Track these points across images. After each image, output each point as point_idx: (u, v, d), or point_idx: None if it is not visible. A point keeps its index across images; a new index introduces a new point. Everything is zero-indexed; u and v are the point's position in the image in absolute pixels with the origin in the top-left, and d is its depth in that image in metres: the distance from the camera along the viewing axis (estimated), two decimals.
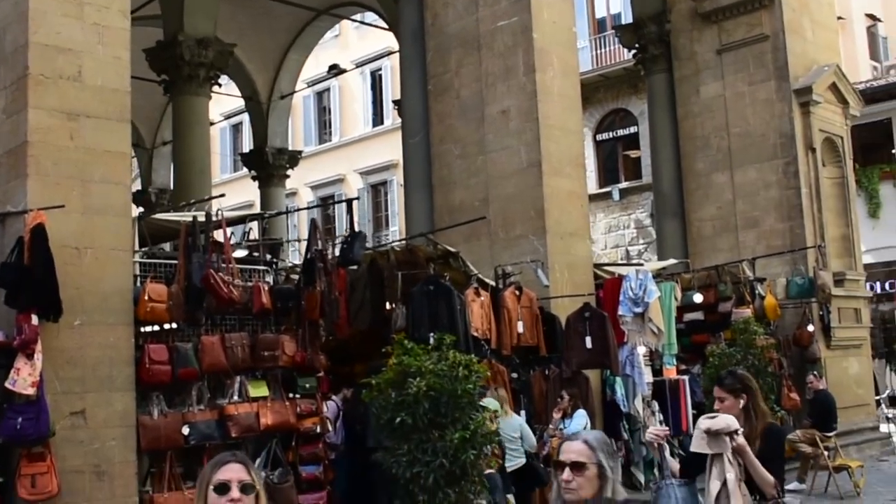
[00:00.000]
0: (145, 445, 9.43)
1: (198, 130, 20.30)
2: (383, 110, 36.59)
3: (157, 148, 28.42)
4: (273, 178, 25.73)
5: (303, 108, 39.15)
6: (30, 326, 8.43)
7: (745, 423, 5.60)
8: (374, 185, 37.02)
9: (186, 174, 19.47)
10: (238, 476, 3.61)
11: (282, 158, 25.64)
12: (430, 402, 7.26)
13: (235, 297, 9.57)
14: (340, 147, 38.29)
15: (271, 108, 25.45)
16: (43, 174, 9.00)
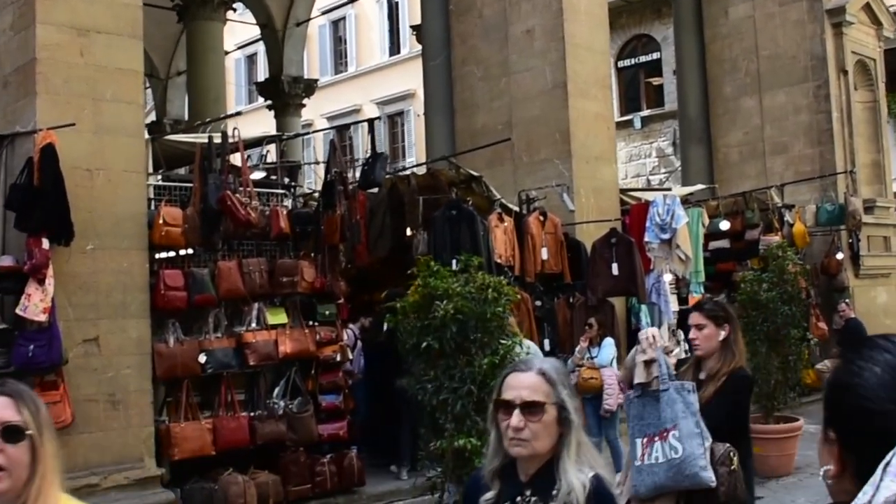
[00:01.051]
0: (161, 374, 9.21)
1: (212, 57, 19.95)
2: (400, 38, 35.98)
3: (172, 78, 27.95)
4: (289, 107, 25.34)
5: (318, 38, 38.54)
6: (40, 250, 8.15)
7: (720, 358, 5.13)
8: (391, 116, 36.54)
9: (201, 102, 19.11)
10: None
11: (297, 87, 25.22)
12: (457, 325, 6.92)
13: (253, 219, 9.25)
14: (357, 77, 37.76)
15: (287, 36, 24.96)
16: (52, 92, 8.65)
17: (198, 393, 9.63)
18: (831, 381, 1.69)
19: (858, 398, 1.60)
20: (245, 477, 9.47)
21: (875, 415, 1.57)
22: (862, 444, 1.58)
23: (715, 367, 5.11)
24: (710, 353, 5.15)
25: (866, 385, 1.60)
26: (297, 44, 25.46)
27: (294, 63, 25.35)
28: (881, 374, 1.60)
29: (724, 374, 5.09)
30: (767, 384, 11.26)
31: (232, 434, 9.50)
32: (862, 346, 1.69)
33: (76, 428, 8.51)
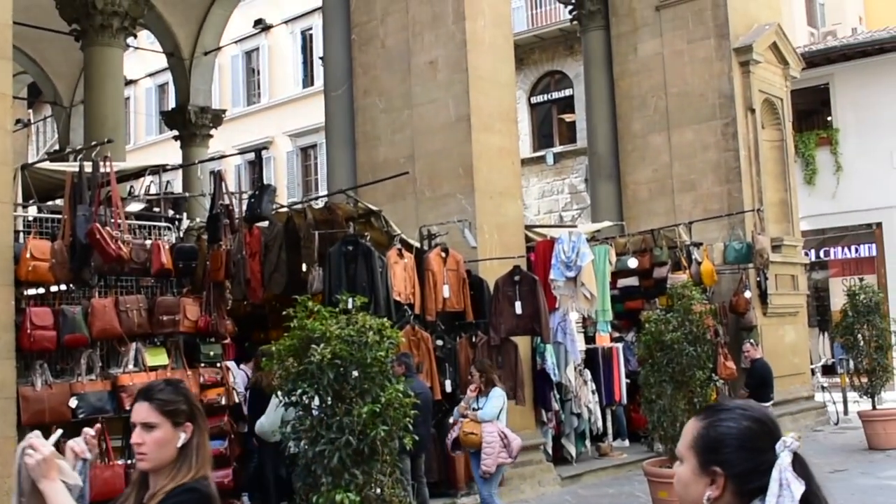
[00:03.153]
0: (27, 419, 8.58)
1: (110, 84, 19.20)
2: (313, 71, 35.54)
3: (76, 106, 27.08)
4: (196, 137, 24.67)
5: (231, 69, 37.96)
6: None
7: (171, 472, 3.21)
8: (304, 148, 36.03)
9: (99, 131, 18.30)
10: None
11: (205, 117, 24.59)
12: (334, 371, 6.47)
13: (124, 253, 8.70)
14: (269, 108, 37.19)
15: (194, 65, 24.36)
16: None
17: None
18: (717, 434, 2.39)
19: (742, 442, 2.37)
20: None
21: (756, 452, 2.34)
22: (744, 474, 2.33)
23: (162, 484, 3.20)
24: (163, 465, 3.22)
25: (745, 435, 2.37)
26: (206, 73, 24.87)
27: (202, 93, 24.74)
28: (751, 426, 2.39)
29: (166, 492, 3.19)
30: (673, 427, 10.96)
31: (106, 484, 8.85)
32: (722, 409, 2.46)
33: None
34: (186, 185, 22.02)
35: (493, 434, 9.69)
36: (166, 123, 26.36)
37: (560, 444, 14.48)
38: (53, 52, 24.55)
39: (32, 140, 38.44)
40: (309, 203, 13.27)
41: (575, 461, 14.52)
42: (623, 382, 15.57)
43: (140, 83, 38.96)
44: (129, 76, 29.65)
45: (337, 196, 12.81)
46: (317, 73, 35.04)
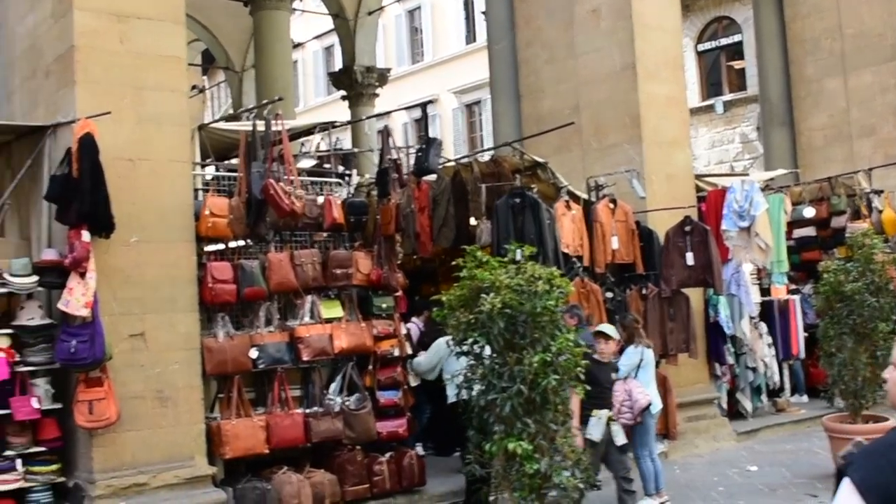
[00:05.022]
0: (211, 369, 8.92)
1: (279, 47, 19.79)
2: (476, 26, 35.51)
3: (247, 70, 27.87)
4: (362, 97, 25.14)
5: (395, 28, 38.35)
6: (81, 243, 7.92)
7: None
8: (468, 105, 36.11)
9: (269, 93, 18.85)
10: None
11: (370, 77, 24.99)
12: (505, 320, 6.49)
13: (297, 208, 8.90)
14: (433, 66, 37.40)
15: (358, 25, 24.73)
16: (92, 81, 8.39)
17: (250, 389, 9.35)
18: None
19: None
20: (300, 476, 9.19)
21: None
22: None
23: None
24: None
25: None
26: (370, 33, 25.20)
27: (367, 53, 25.11)
28: None
29: None
30: (854, 381, 10.59)
31: (286, 432, 9.20)
32: None
33: (123, 425, 8.27)
34: (355, 143, 22.44)
35: (617, 393, 9.36)
36: (334, 84, 26.86)
37: (735, 398, 14.19)
38: (224, 18, 25.28)
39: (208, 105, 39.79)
40: (475, 157, 13.30)
41: (751, 416, 14.21)
42: (801, 336, 15.10)
43: (307, 46, 39.73)
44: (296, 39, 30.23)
45: (503, 149, 12.79)
46: (479, 29, 34.98)
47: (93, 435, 8.21)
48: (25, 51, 9.44)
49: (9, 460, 8.20)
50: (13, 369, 8.16)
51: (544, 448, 6.64)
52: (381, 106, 26.93)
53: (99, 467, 8.23)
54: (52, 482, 8.33)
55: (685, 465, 11.88)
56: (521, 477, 6.62)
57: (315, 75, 41.44)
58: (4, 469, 8.17)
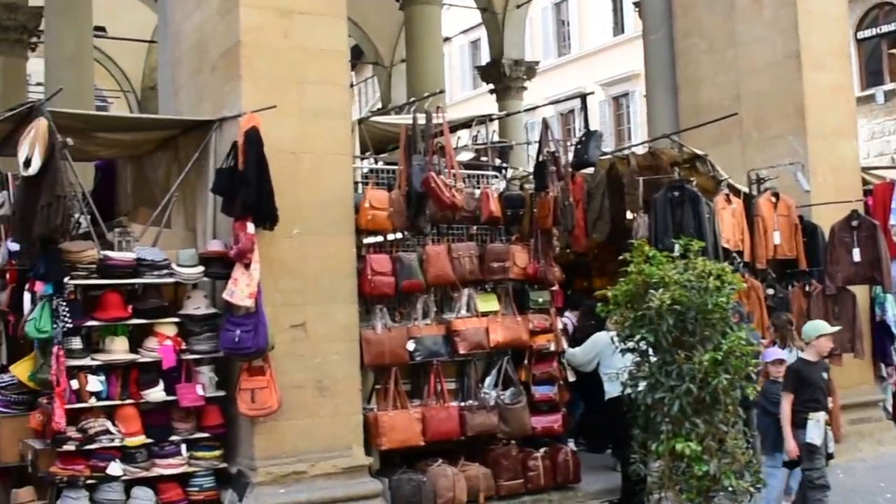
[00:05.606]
0: (369, 361, 8.99)
1: (430, 41, 19.87)
2: (623, 18, 35.03)
3: (396, 66, 28.12)
4: (510, 91, 24.99)
5: (541, 21, 38.14)
6: (245, 235, 8.07)
7: None
8: (616, 97, 35.67)
9: (419, 86, 18.98)
10: None
11: (518, 70, 24.83)
12: (674, 317, 6.31)
13: (458, 201, 8.88)
14: (579, 59, 37.06)
15: (507, 18, 24.60)
16: (257, 76, 8.54)
17: (406, 381, 9.38)
18: None
19: None
20: (454, 469, 9.19)
21: None
22: None
23: None
24: None
25: None
26: (518, 26, 25.06)
27: (515, 46, 24.97)
28: None
29: None
30: None
31: (441, 424, 9.21)
32: None
33: (283, 414, 8.40)
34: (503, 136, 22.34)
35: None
36: (482, 78, 26.82)
37: None
38: (374, 14, 25.51)
39: (356, 100, 40.35)
40: (632, 149, 13.06)
41: None
42: None
43: (454, 40, 39.86)
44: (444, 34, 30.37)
45: (660, 141, 12.52)
46: (627, 21, 34.52)
47: (254, 423, 8.36)
48: (191, 47, 9.66)
49: (174, 445, 8.41)
50: (180, 357, 8.38)
51: (713, 449, 6.44)
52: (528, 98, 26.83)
53: (260, 454, 8.37)
54: (214, 467, 8.51)
55: (849, 469, 11.40)
56: (689, 478, 6.45)
57: (461, 69, 41.58)
58: (170, 453, 8.39)
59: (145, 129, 9.81)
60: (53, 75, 14.74)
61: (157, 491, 8.27)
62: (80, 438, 7.95)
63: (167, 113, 10.32)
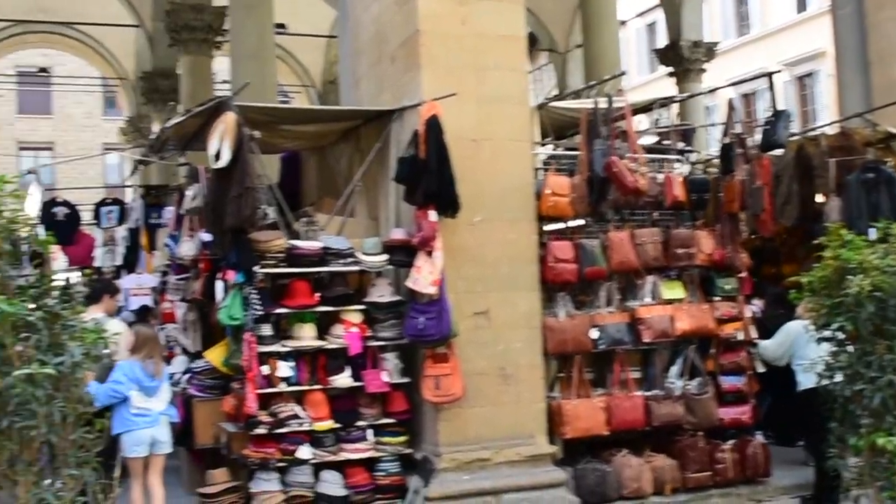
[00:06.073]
0: (551, 348, 8.91)
1: (606, 24, 19.66)
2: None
3: (571, 51, 27.87)
4: (689, 73, 24.42)
5: (720, 1, 37.12)
6: (428, 223, 8.12)
7: None
8: (800, 77, 34.39)
9: (597, 73, 18.75)
10: None
11: (697, 52, 24.22)
12: (875, 304, 5.98)
13: (641, 186, 8.71)
14: (761, 38, 35.89)
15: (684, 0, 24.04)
16: (435, 64, 8.57)
17: (589, 369, 9.25)
18: None
19: None
20: (640, 460, 9.05)
21: None
22: None
23: None
24: None
25: None
26: (696, 7, 24.44)
27: (693, 27, 24.36)
28: None
29: None
30: None
31: (626, 414, 9.06)
32: None
33: (467, 401, 8.43)
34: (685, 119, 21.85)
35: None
36: (659, 61, 26.30)
37: None
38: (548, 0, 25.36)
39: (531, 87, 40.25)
40: (822, 130, 12.52)
41: None
42: None
43: (629, 24, 39.27)
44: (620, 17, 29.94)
45: (852, 121, 11.95)
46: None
47: (438, 409, 8.42)
48: (371, 38, 9.78)
49: (361, 430, 8.57)
50: (365, 344, 8.52)
51: None
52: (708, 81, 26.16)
53: (444, 441, 8.43)
54: (399, 453, 8.62)
55: None
56: (891, 475, 6.10)
57: (638, 53, 40.97)
58: (357, 438, 8.55)
59: (327, 121, 10.02)
60: (238, 72, 15.24)
61: (345, 475, 8.45)
62: (271, 422, 8.19)
63: (348, 104, 10.50)
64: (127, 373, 8.29)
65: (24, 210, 6.63)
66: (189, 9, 18.85)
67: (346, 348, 8.43)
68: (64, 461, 6.12)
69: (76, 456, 6.17)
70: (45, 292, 6.30)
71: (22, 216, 6.45)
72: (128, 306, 12.35)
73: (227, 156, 8.12)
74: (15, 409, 5.76)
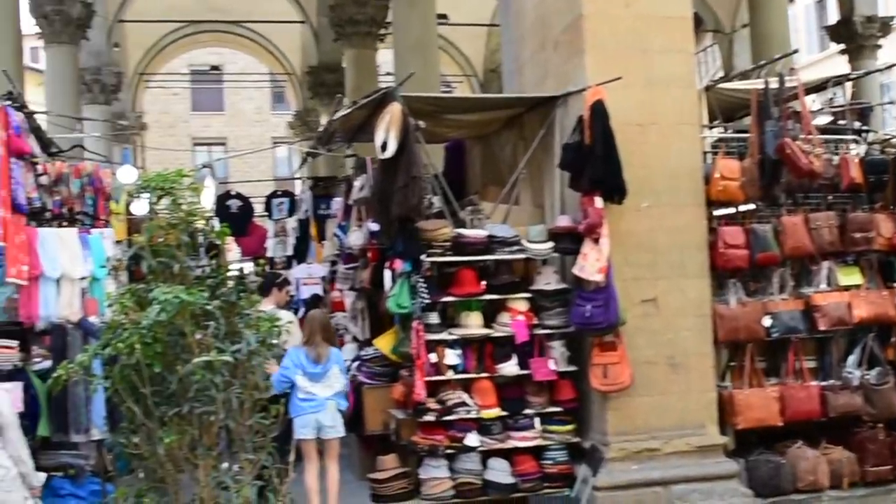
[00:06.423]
0: (722, 336, 8.70)
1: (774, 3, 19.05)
2: None
3: (737, 31, 27.18)
4: (863, 50, 23.44)
5: None
6: (594, 210, 8.06)
7: None
8: None
9: (765, 50, 18.23)
10: None
11: (871, 27, 23.22)
12: None
13: (816, 167, 8.37)
14: None
15: None
16: (600, 48, 8.47)
17: (762, 358, 8.98)
18: None
19: None
20: (816, 452, 8.75)
21: None
22: None
23: None
24: None
25: None
26: None
27: (866, 2, 23.38)
28: None
29: None
30: None
31: (801, 404, 8.77)
32: None
33: (636, 390, 8.33)
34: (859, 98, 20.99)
35: None
36: (830, 38, 25.33)
37: None
38: None
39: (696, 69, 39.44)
40: None
41: None
42: None
43: (797, 1, 38.00)
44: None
45: None
46: None
47: (606, 398, 8.35)
48: (533, 24, 9.73)
49: (528, 418, 8.58)
50: (532, 332, 8.50)
51: None
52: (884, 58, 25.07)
53: (613, 430, 8.35)
54: (567, 442, 8.58)
55: None
56: None
57: (807, 31, 39.58)
58: (524, 426, 8.56)
59: (491, 109, 10.02)
60: (402, 63, 15.43)
61: (513, 462, 8.47)
62: (439, 410, 8.28)
63: (511, 91, 10.49)
64: (293, 359, 8.55)
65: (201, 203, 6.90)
66: (353, 3, 19.22)
67: (513, 336, 8.44)
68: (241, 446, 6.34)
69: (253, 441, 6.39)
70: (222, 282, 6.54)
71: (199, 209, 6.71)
72: (299, 295, 12.67)
73: (393, 146, 8.23)
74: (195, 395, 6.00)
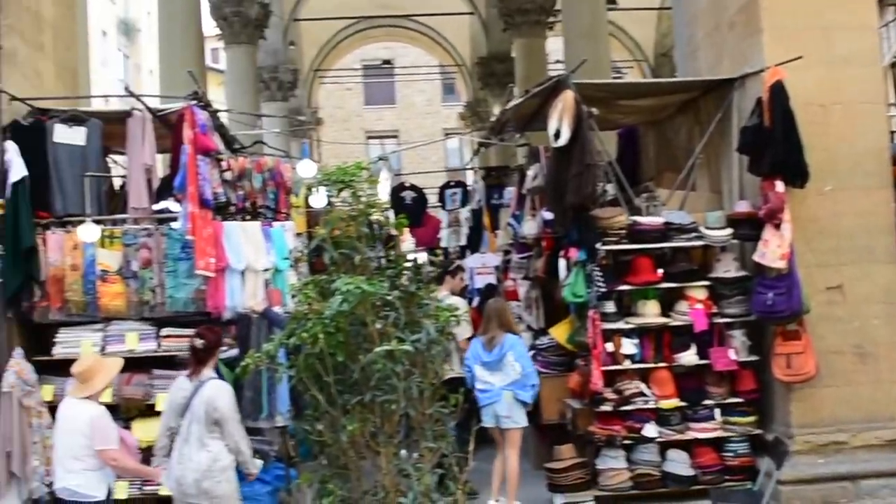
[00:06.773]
0: None
1: None
2: None
3: None
4: None
5: None
6: (775, 194, 7.83)
7: None
8: None
9: None
10: None
11: None
12: None
13: None
14: None
15: None
16: (778, 27, 8.23)
17: None
18: None
19: None
20: None
21: None
22: None
23: None
24: None
25: None
26: None
27: None
28: None
29: None
30: None
31: None
32: None
33: (821, 381, 8.06)
34: None
35: None
36: None
37: None
38: None
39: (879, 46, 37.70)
40: None
41: None
42: None
43: None
44: None
45: None
46: None
47: (790, 389, 8.11)
48: (707, 5, 9.51)
49: (707, 409, 8.43)
50: (711, 320, 8.33)
51: None
52: None
53: (797, 422, 8.11)
54: (748, 433, 8.38)
55: None
56: None
57: None
58: (703, 417, 8.42)
59: (665, 94, 9.84)
60: (572, 51, 15.31)
61: (692, 454, 8.33)
62: (616, 399, 8.22)
63: (685, 74, 10.28)
64: (472, 349, 8.62)
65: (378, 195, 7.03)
66: None
67: (692, 325, 8.29)
68: (421, 434, 6.43)
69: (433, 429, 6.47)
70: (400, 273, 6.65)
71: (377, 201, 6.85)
72: (472, 285, 12.75)
73: (566, 134, 8.19)
74: (377, 383, 6.13)
